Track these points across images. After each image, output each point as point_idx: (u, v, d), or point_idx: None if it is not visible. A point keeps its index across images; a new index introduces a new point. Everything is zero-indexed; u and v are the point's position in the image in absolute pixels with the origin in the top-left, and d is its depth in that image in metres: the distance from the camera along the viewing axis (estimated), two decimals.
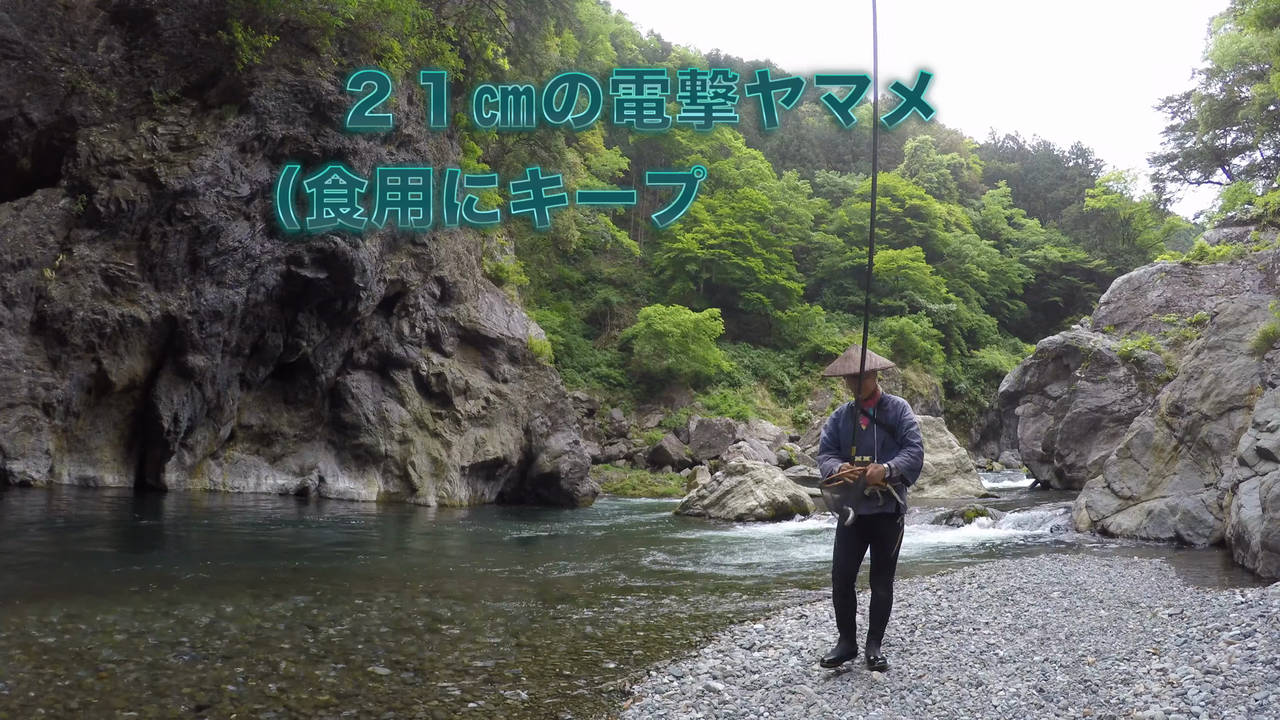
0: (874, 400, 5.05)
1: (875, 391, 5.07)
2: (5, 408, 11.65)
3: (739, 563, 10.97)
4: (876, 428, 4.98)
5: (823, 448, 5.16)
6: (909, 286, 49.54)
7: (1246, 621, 5.74)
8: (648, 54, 57.00)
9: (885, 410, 5.03)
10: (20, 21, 12.05)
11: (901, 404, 5.07)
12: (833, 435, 5.14)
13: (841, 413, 5.17)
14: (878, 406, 5.04)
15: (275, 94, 13.59)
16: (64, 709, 4.12)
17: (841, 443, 5.07)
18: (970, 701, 4.44)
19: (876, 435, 4.97)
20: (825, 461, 5.05)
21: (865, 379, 4.95)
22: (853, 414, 5.06)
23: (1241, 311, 14.04)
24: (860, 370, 4.92)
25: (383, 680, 4.90)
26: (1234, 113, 32.59)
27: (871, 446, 4.94)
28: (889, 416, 5.00)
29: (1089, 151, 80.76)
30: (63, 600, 6.22)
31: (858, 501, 4.77)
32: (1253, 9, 21.36)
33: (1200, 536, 11.81)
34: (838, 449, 5.08)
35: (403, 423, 17.44)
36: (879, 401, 5.06)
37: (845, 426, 5.09)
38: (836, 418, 5.18)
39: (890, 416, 5.00)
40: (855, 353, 5.00)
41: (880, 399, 5.06)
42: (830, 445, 5.12)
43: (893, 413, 5.01)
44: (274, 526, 12.25)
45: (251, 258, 13.88)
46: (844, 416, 5.14)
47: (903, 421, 4.95)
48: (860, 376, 4.93)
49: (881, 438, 4.96)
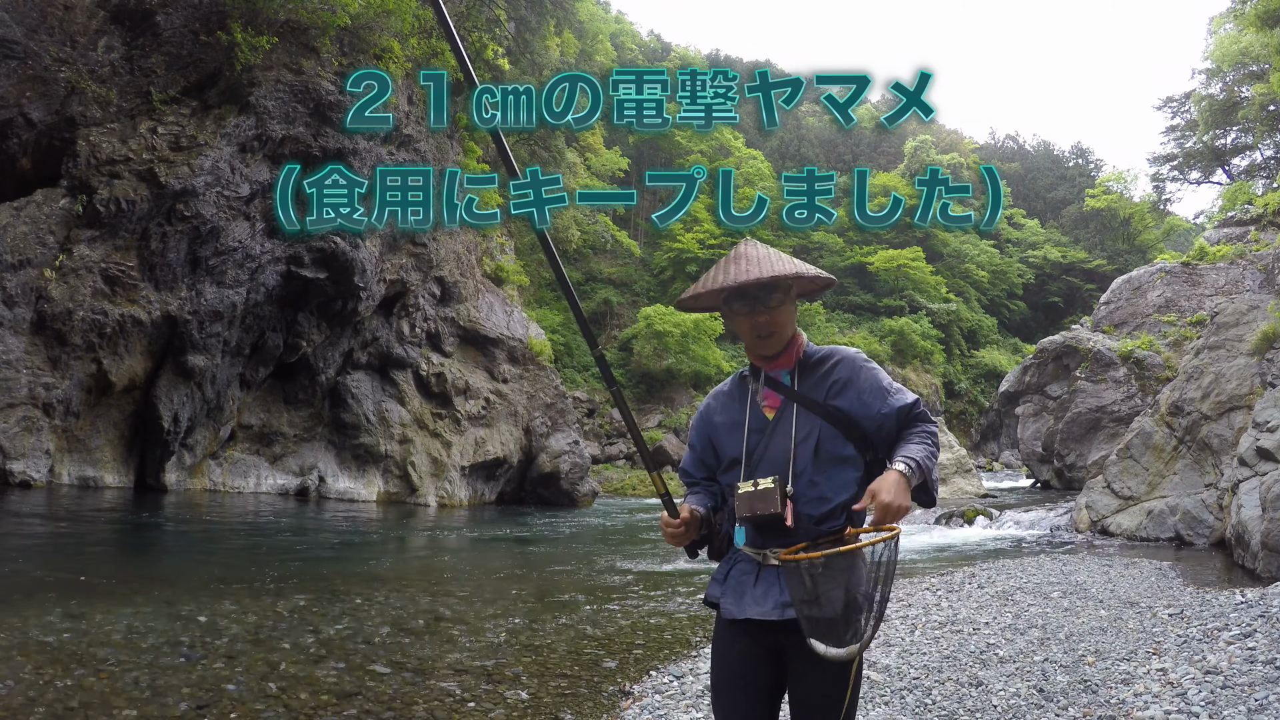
0: (790, 357, 2.28)
1: (795, 340, 2.29)
2: (5, 408, 11.65)
3: None
4: (799, 414, 2.21)
5: (682, 475, 2.45)
6: (909, 286, 49.58)
7: (1246, 621, 5.74)
8: (648, 54, 57.02)
9: (818, 373, 2.26)
10: (20, 21, 12.04)
11: (853, 356, 2.30)
12: (702, 442, 2.39)
13: (722, 393, 2.41)
14: (799, 369, 2.27)
15: (275, 94, 13.59)
16: (64, 709, 4.12)
17: (722, 454, 2.32)
18: (970, 701, 4.44)
19: (799, 428, 2.20)
20: (692, 495, 2.36)
21: (773, 306, 2.20)
22: (743, 389, 2.33)
23: (1241, 311, 14.04)
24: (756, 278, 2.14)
25: (383, 680, 4.90)
26: (1234, 113, 32.59)
27: (786, 456, 2.18)
28: (831, 384, 2.23)
29: (1089, 151, 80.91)
30: (63, 600, 6.22)
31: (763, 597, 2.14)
32: (1253, 9, 21.36)
33: (1200, 536, 11.81)
34: (707, 470, 2.38)
35: (403, 423, 17.43)
36: (802, 359, 2.28)
37: (728, 418, 2.33)
38: (707, 410, 2.41)
39: (834, 383, 2.23)
40: (753, 250, 2.26)
41: (805, 352, 2.29)
42: (695, 466, 2.40)
43: (840, 374, 2.24)
44: (274, 526, 12.25)
45: (251, 258, 13.88)
46: (725, 399, 2.38)
47: (869, 385, 2.22)
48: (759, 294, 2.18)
49: (812, 433, 2.18)
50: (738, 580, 2.20)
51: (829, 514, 2.14)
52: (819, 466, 2.16)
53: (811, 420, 2.20)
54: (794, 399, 2.23)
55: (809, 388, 2.25)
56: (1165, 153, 38.79)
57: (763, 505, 2.08)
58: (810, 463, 2.16)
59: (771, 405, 2.26)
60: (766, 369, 2.30)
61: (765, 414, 2.27)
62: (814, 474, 2.15)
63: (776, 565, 2.12)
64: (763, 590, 2.14)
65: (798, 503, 2.12)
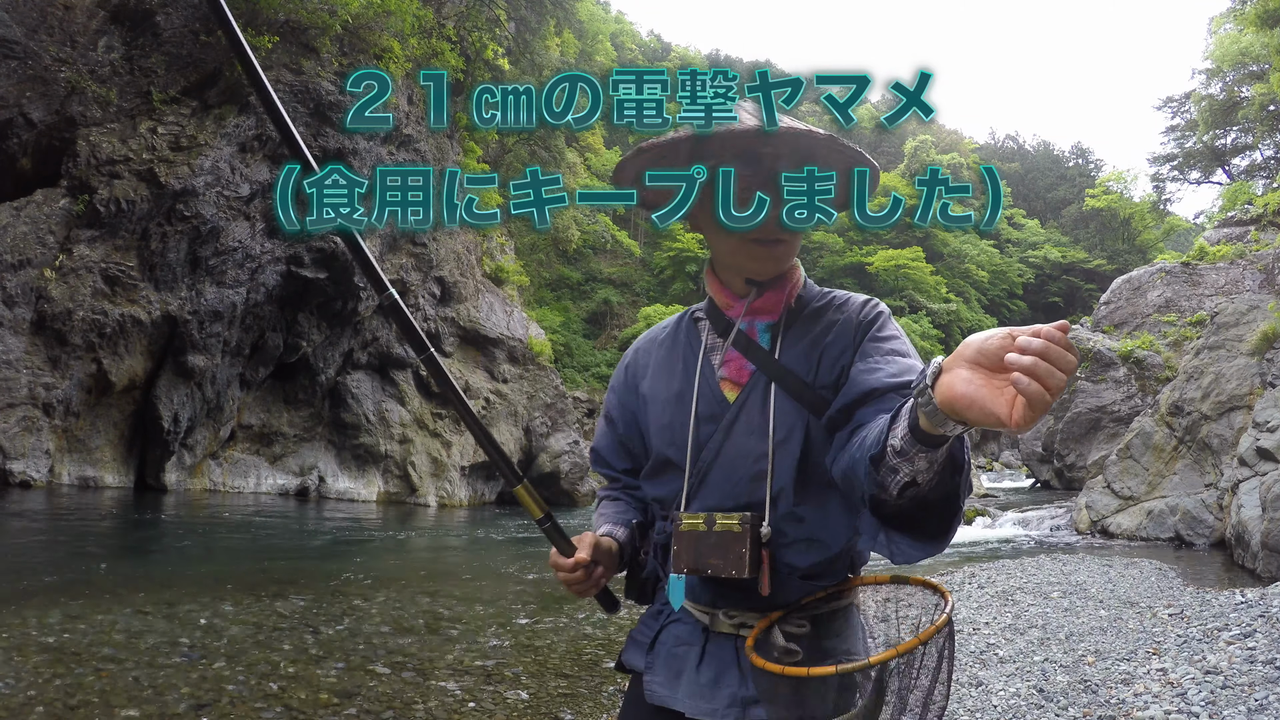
0: (780, 299, 1.39)
1: (792, 273, 1.41)
2: (5, 408, 11.65)
3: None
4: (777, 398, 1.33)
5: (595, 462, 1.62)
6: (909, 286, 49.60)
7: (1246, 621, 5.74)
8: (648, 54, 57.04)
9: (814, 331, 1.37)
10: (20, 21, 12.05)
11: (865, 307, 1.39)
12: (625, 416, 1.54)
13: (657, 344, 1.53)
14: (788, 320, 1.39)
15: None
16: (64, 708, 4.12)
17: (650, 446, 1.47)
18: (970, 701, 4.44)
19: (778, 422, 1.32)
20: (607, 506, 1.56)
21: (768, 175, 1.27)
22: (691, 342, 1.46)
23: (1241, 311, 14.04)
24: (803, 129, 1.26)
25: (383, 680, 4.90)
26: (1234, 113, 32.62)
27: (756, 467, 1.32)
28: (828, 351, 1.34)
29: (1089, 151, 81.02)
30: (63, 600, 6.22)
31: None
32: (1253, 9, 21.38)
33: (1200, 536, 11.81)
34: (633, 460, 1.55)
35: (403, 423, 17.44)
36: (794, 306, 1.40)
37: (663, 387, 1.45)
38: (634, 368, 1.55)
39: (834, 349, 1.34)
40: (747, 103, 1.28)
41: (801, 296, 1.41)
42: (615, 452, 1.57)
43: (843, 335, 1.35)
44: (274, 526, 12.25)
45: (251, 258, 13.88)
46: (662, 354, 1.50)
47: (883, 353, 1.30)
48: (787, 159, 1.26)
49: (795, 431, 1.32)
50: (672, 653, 1.38)
51: (823, 567, 1.34)
52: (807, 489, 1.31)
53: (795, 410, 1.31)
54: (772, 372, 1.33)
55: (797, 355, 1.34)
56: (1165, 153, 38.86)
57: (721, 561, 1.27)
58: (793, 481, 1.30)
59: (735, 378, 1.37)
60: (736, 313, 1.38)
61: (724, 391, 1.37)
62: (800, 501, 1.31)
63: (734, 634, 1.34)
64: (712, 674, 1.34)
65: (776, 548, 1.29)
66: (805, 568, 1.34)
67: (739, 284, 1.41)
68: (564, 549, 1.39)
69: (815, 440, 1.32)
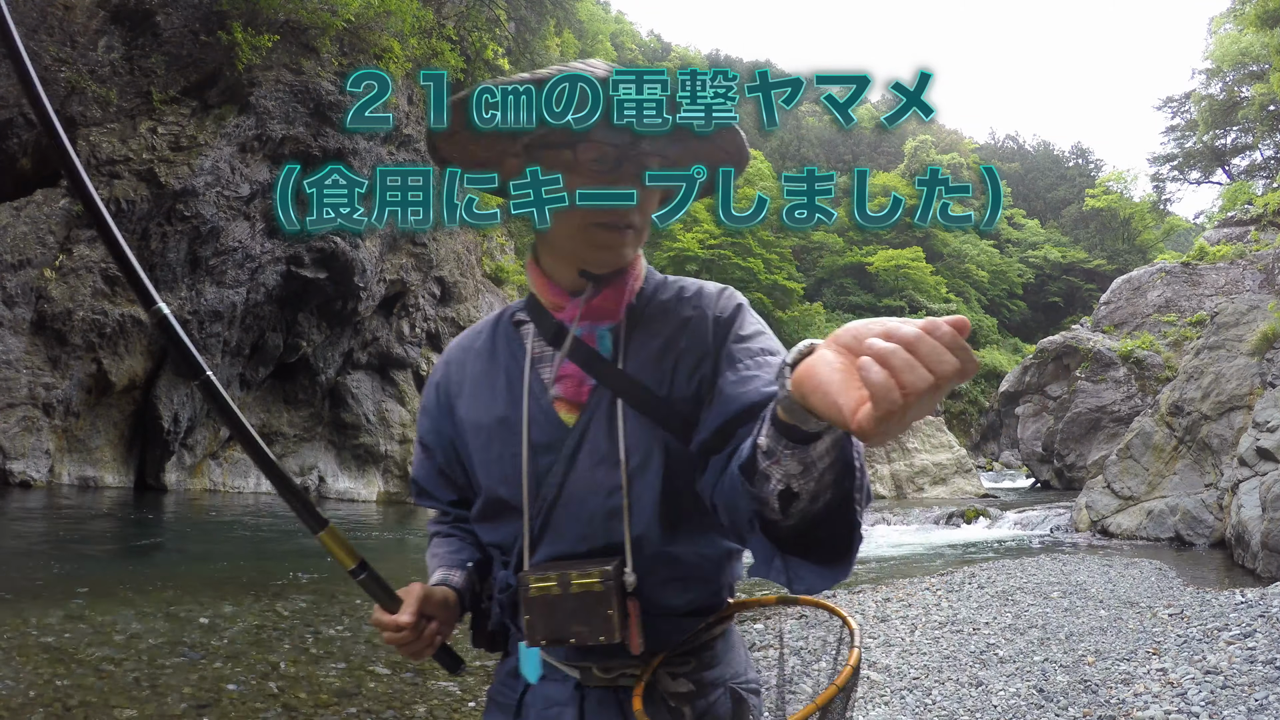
0: (620, 298, 1.16)
1: (633, 267, 1.18)
2: (5, 408, 11.65)
3: None
4: (627, 417, 1.11)
5: (416, 494, 1.37)
6: (909, 286, 49.61)
7: (1246, 621, 5.74)
8: (648, 54, 57.07)
9: (661, 333, 1.15)
10: (20, 21, 12.00)
11: (719, 297, 1.19)
12: (443, 442, 1.28)
13: (475, 353, 1.26)
14: (631, 322, 1.16)
15: (275, 94, 13.59)
16: (64, 708, 4.12)
17: (476, 482, 1.23)
18: (970, 701, 4.44)
19: (630, 445, 1.10)
20: (439, 545, 1.34)
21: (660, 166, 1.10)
22: (514, 351, 1.20)
23: (1241, 311, 14.04)
24: None
25: (383, 680, 4.90)
26: (1234, 113, 32.63)
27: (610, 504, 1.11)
28: (683, 353, 1.13)
29: (1089, 151, 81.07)
30: (63, 600, 6.22)
31: None
32: (1253, 9, 21.38)
33: (1200, 536, 11.80)
34: (459, 491, 1.31)
35: (403, 423, 17.43)
36: (635, 304, 1.17)
37: (484, 410, 1.20)
38: (445, 385, 1.27)
39: (687, 352, 1.13)
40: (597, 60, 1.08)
41: (643, 293, 1.19)
42: (437, 482, 1.32)
43: (697, 334, 1.14)
44: (274, 527, 12.25)
45: (251, 258, 13.88)
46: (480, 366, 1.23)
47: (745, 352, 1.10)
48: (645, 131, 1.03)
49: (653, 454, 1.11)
50: (544, 717, 1.19)
51: (704, 601, 1.19)
52: (677, 522, 1.11)
53: (650, 431, 1.11)
54: (618, 387, 1.11)
55: (646, 363, 1.12)
56: (1165, 153, 38.90)
57: (586, 628, 1.07)
58: (658, 516, 1.10)
59: (573, 397, 1.14)
60: (568, 315, 1.14)
61: (559, 413, 1.14)
62: (670, 539, 1.11)
63: (610, 688, 1.16)
64: None
65: (649, 594, 1.11)
66: (685, 607, 1.17)
67: (570, 278, 1.14)
68: (386, 604, 1.18)
69: (678, 464, 1.09)
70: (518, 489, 1.14)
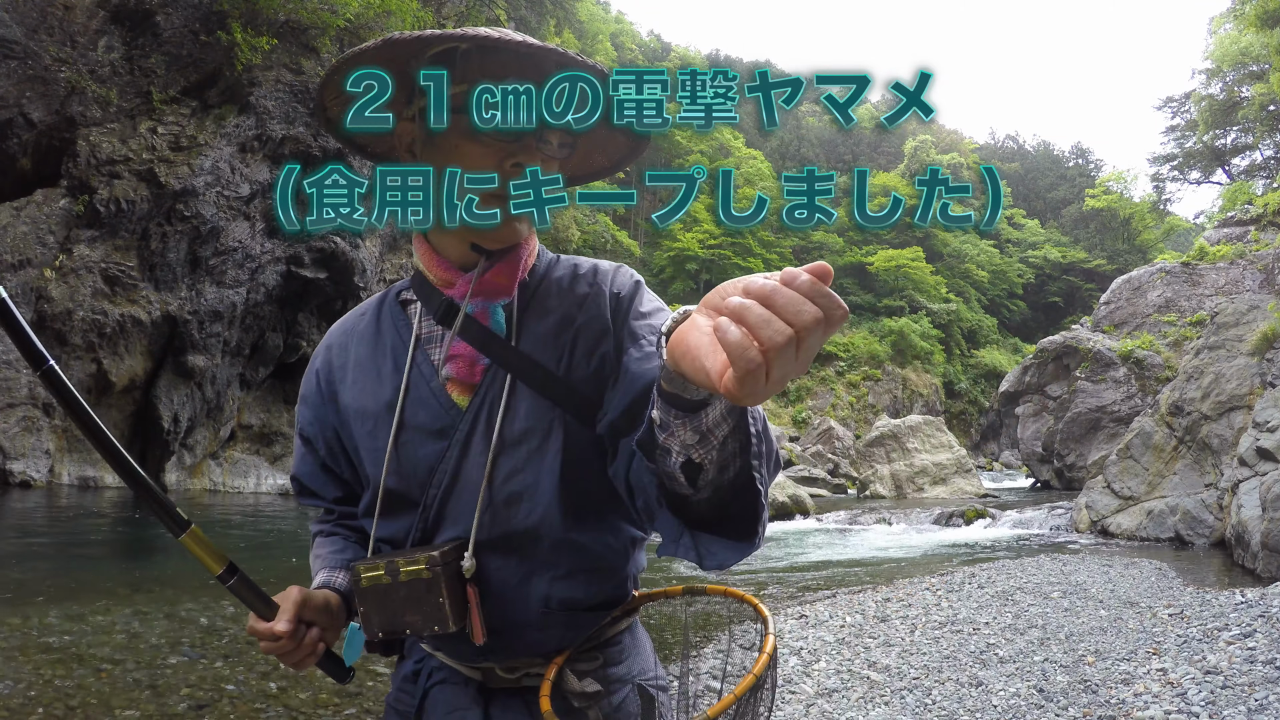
0: (513, 273, 1.11)
1: (526, 243, 1.13)
2: (5, 408, 11.65)
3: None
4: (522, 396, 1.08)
5: (298, 492, 1.31)
6: (909, 286, 49.65)
7: (1246, 621, 5.74)
8: (648, 54, 57.09)
9: (556, 309, 1.12)
10: (20, 21, 12.05)
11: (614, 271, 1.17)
12: (326, 434, 1.20)
13: (358, 335, 1.20)
14: (523, 299, 1.13)
15: (275, 94, 13.60)
16: (64, 708, 4.12)
17: (364, 475, 1.16)
18: (970, 701, 4.44)
19: (524, 426, 1.07)
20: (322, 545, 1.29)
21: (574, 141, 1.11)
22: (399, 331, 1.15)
23: (1241, 311, 14.05)
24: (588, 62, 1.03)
25: (383, 680, 4.90)
26: (1234, 113, 32.65)
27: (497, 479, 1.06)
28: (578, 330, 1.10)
29: (1089, 151, 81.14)
30: (63, 600, 6.22)
31: None
32: (1253, 9, 21.40)
33: (1200, 536, 11.81)
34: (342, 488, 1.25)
35: None
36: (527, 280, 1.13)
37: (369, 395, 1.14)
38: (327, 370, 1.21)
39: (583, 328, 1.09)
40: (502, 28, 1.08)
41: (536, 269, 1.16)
42: (320, 479, 1.25)
43: (592, 309, 1.11)
44: (274, 526, 12.25)
45: (251, 258, 13.89)
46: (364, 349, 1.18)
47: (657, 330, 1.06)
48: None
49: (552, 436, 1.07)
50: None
51: (610, 593, 1.14)
52: (580, 508, 1.08)
53: (548, 412, 1.07)
54: (513, 366, 1.08)
55: (542, 341, 1.09)
56: (1165, 153, 38.92)
57: (419, 617, 1.03)
58: (558, 501, 1.06)
59: (465, 378, 1.10)
60: (459, 292, 1.10)
61: (451, 395, 1.10)
62: (572, 526, 1.07)
63: (515, 689, 1.12)
64: None
65: (550, 585, 1.08)
66: (590, 600, 1.10)
67: (461, 253, 1.10)
68: (260, 611, 1.10)
69: (578, 446, 1.06)
70: (409, 480, 1.09)
